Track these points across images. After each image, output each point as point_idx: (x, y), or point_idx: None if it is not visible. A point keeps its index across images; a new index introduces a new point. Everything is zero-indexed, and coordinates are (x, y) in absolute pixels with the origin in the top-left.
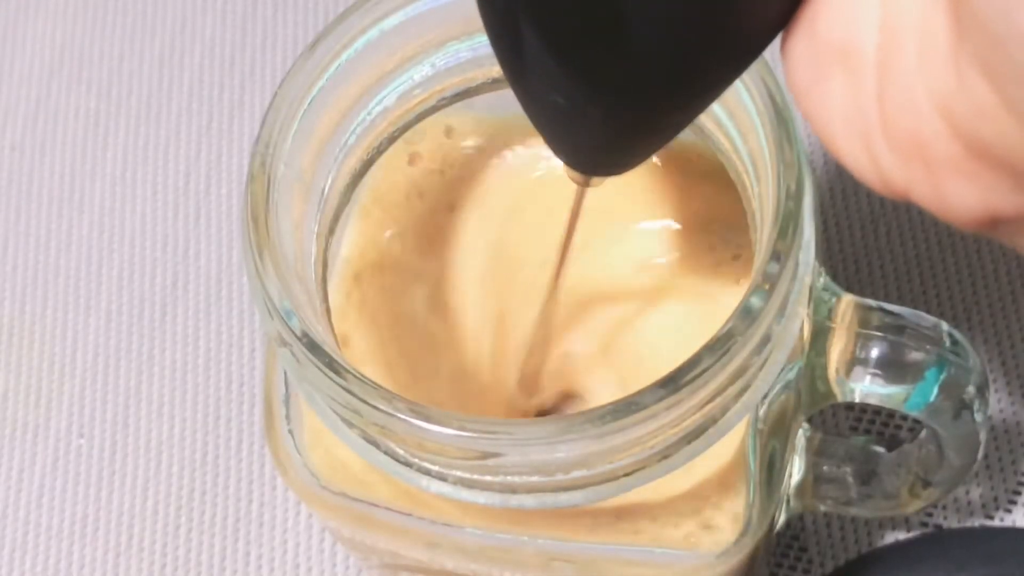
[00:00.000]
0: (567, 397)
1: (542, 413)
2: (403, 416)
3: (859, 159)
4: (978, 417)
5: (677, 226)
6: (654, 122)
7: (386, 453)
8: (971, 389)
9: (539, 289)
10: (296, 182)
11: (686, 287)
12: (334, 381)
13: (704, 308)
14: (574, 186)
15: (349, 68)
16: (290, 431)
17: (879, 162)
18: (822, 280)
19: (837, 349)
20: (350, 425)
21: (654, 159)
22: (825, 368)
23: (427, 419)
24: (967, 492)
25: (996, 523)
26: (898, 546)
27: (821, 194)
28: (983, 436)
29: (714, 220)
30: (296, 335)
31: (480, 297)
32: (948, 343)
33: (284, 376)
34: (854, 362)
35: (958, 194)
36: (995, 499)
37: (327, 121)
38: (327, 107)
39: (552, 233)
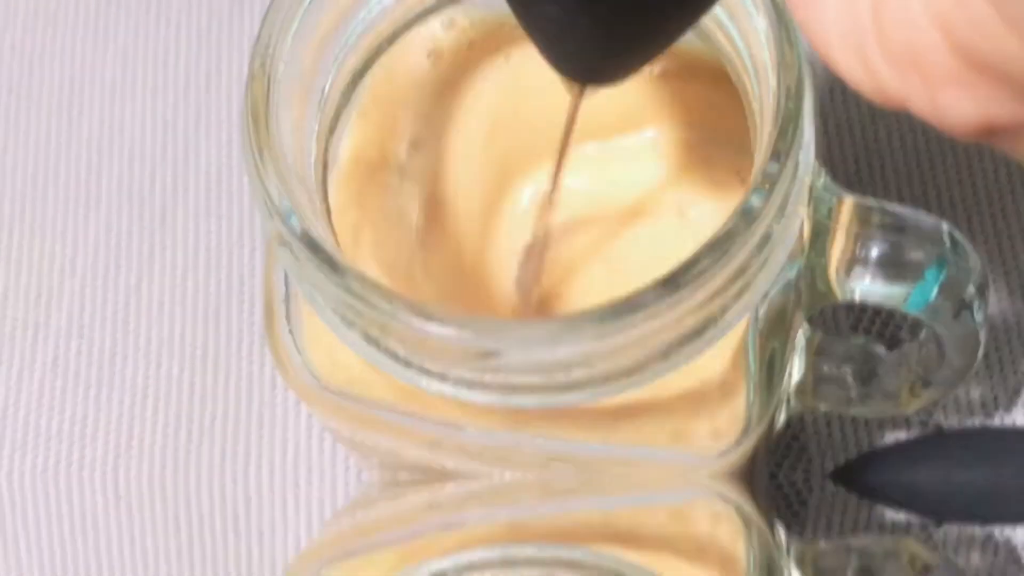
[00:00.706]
0: (563, 300)
1: (540, 314)
2: (403, 314)
3: (855, 71)
4: (978, 317)
5: (677, 135)
6: (647, 30)
7: (386, 353)
8: (971, 289)
9: (537, 193)
10: (296, 82)
11: (685, 195)
12: (334, 280)
13: (700, 213)
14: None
15: None
16: (290, 331)
17: (876, 74)
18: (822, 180)
19: (837, 249)
20: (350, 325)
21: (652, 69)
22: (825, 268)
23: (427, 317)
24: (967, 392)
25: (996, 423)
26: (898, 446)
27: (821, 95)
28: (983, 336)
29: (717, 131)
30: (296, 234)
31: (479, 198)
32: (948, 243)
33: (284, 276)
34: (854, 261)
35: (955, 104)
36: (995, 399)
37: (327, 20)
38: (327, 6)
39: (550, 138)
